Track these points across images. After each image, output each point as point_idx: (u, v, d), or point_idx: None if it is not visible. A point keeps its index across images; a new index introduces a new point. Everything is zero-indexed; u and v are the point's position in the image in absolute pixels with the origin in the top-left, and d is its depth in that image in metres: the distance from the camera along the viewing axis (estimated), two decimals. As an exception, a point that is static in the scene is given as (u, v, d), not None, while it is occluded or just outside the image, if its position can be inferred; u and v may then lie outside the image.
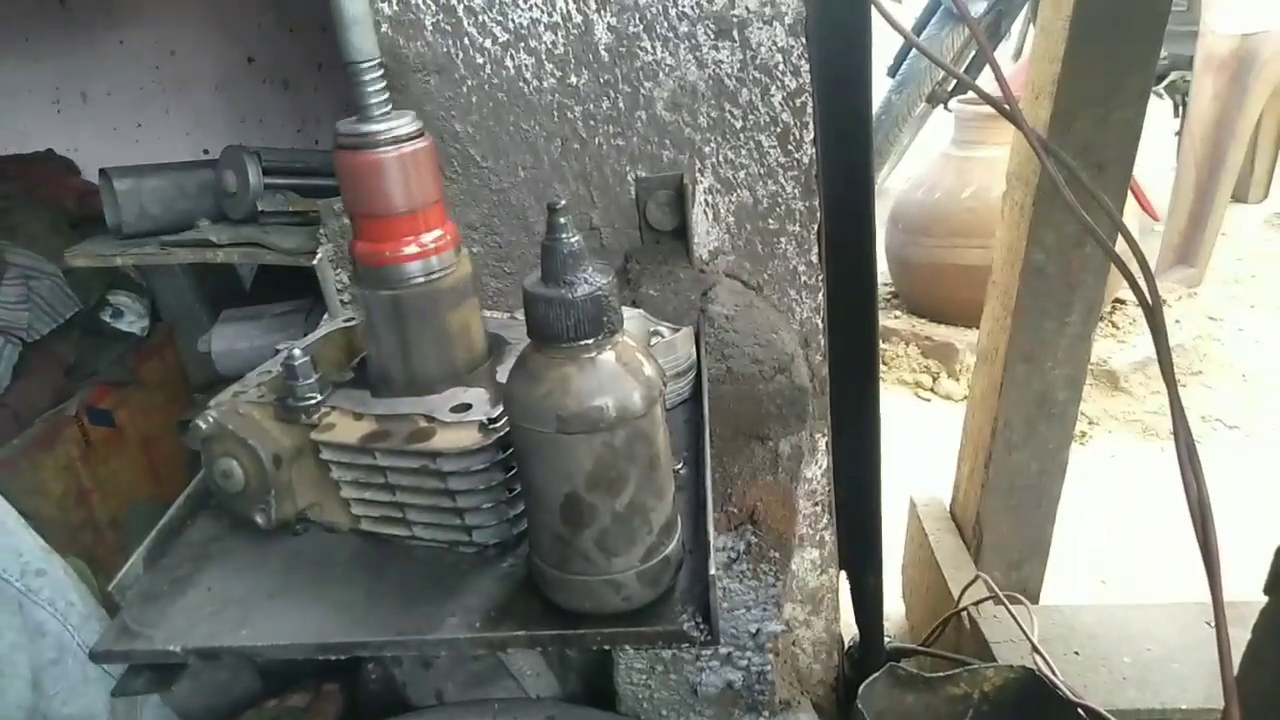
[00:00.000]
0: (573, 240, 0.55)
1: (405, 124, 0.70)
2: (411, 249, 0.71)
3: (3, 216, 1.85)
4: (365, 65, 0.69)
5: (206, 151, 1.86)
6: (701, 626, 0.63)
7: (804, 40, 1.06)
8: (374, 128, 0.68)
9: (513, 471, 0.67)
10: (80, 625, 1.05)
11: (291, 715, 1.42)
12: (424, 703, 1.33)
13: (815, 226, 1.15)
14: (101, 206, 1.46)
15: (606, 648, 1.21)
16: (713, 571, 0.61)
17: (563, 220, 0.55)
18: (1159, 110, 4.47)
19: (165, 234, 1.37)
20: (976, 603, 1.50)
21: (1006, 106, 0.84)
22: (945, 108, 3.71)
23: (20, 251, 1.76)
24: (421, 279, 0.72)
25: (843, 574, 1.58)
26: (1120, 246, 0.93)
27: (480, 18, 1.04)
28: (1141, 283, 0.75)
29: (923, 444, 2.63)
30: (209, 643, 0.67)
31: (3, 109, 2.08)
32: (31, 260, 1.75)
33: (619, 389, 0.56)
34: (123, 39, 2.03)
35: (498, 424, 0.66)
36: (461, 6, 1.03)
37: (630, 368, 0.57)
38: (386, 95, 0.70)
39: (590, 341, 0.56)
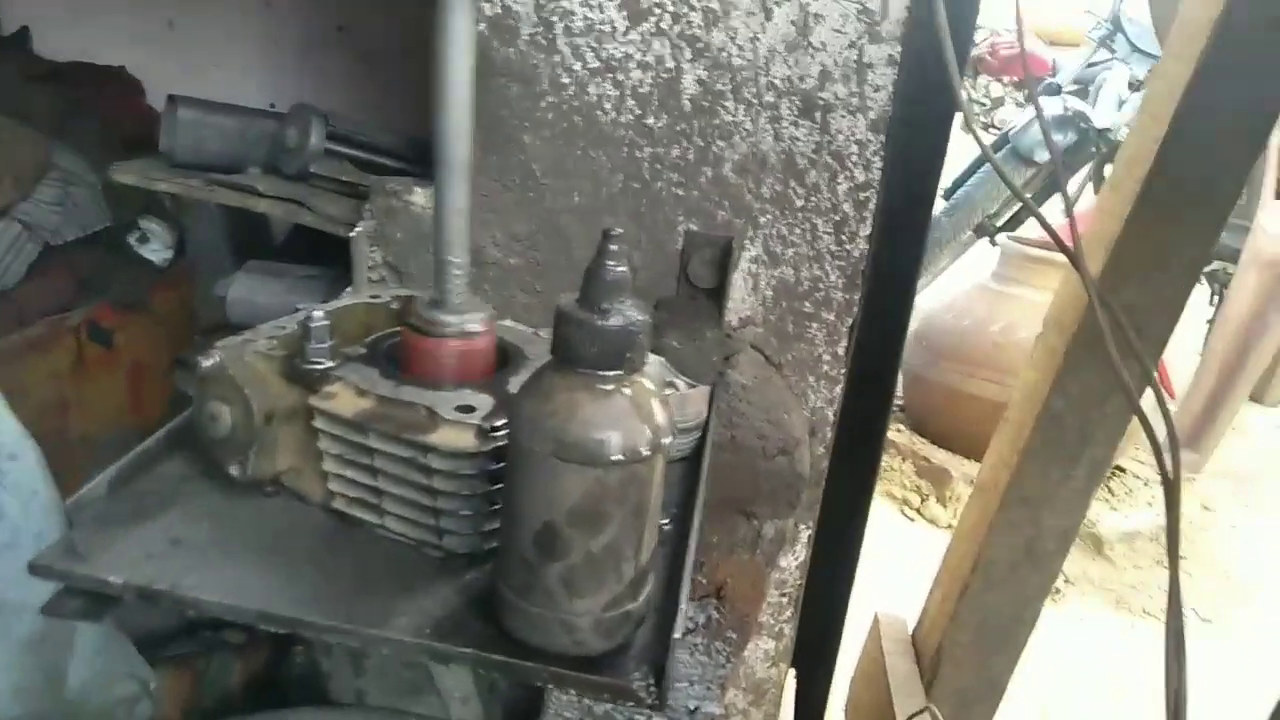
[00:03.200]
0: (619, 269, 0.55)
1: (475, 320, 0.74)
2: None
3: (61, 119, 1.85)
4: (455, 264, 0.74)
5: (273, 106, 1.86)
6: (652, 689, 0.61)
7: (883, 138, 1.06)
8: (447, 318, 0.73)
9: (499, 485, 0.66)
10: (41, 517, 1.03)
11: (227, 649, 1.39)
12: (343, 698, 1.30)
13: (850, 321, 1.15)
14: (157, 133, 1.46)
15: (549, 688, 1.18)
16: (676, 635, 0.59)
17: (614, 248, 0.54)
18: (1196, 295, 4.49)
19: (214, 171, 1.37)
20: (919, 735, 1.46)
21: (1070, 248, 0.84)
22: (991, 241, 3.75)
23: (67, 155, 1.77)
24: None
25: (792, 672, 1.55)
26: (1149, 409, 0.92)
27: (576, 40, 1.05)
28: (1167, 457, 0.74)
29: (898, 563, 2.60)
30: (150, 583, 0.65)
31: (90, 17, 2.10)
32: (75, 166, 1.75)
33: (626, 428, 0.55)
34: (222, -21, 2.06)
35: (497, 432, 0.64)
36: (561, 25, 1.04)
37: (642, 411, 0.56)
38: (466, 289, 0.76)
39: (610, 374, 0.55)
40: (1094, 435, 1.41)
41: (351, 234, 1.14)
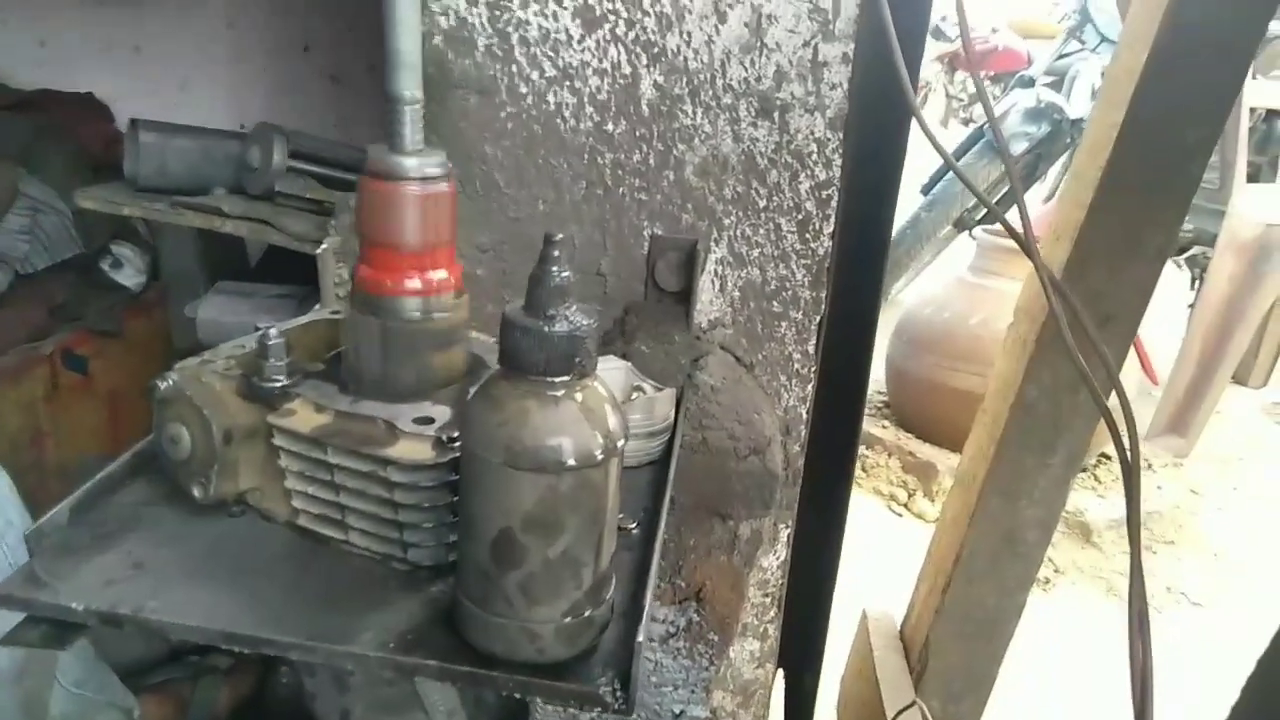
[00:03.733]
0: (563, 275, 0.55)
1: (434, 164, 0.70)
2: (414, 284, 0.71)
3: (28, 148, 1.85)
4: (408, 103, 0.70)
5: (243, 127, 1.87)
6: (619, 694, 0.61)
7: (841, 136, 1.07)
8: (404, 161, 0.69)
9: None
10: (15, 546, 1.03)
11: (213, 674, 1.38)
12: (329, 718, 1.29)
13: (818, 318, 1.15)
14: (124, 158, 1.46)
15: (519, 697, 1.18)
16: (640, 639, 0.59)
17: (556, 254, 0.54)
18: (1178, 281, 4.53)
19: (180, 194, 1.37)
20: (908, 729, 1.46)
21: (1022, 236, 0.85)
22: (970, 235, 3.76)
23: (36, 184, 1.76)
24: (418, 315, 0.72)
25: (780, 673, 1.55)
26: (1114, 402, 0.92)
27: (533, 50, 1.05)
28: (1125, 440, 0.74)
29: (886, 558, 2.60)
30: (113, 608, 0.64)
31: (56, 45, 2.10)
32: (44, 195, 1.75)
33: (577, 434, 0.55)
34: (184, 2, 2.05)
35: (455, 443, 0.64)
36: (516, 35, 1.05)
37: (593, 416, 0.56)
38: (421, 133, 0.71)
39: (559, 380, 0.55)
40: (1069, 423, 1.41)
41: (318, 251, 1.14)
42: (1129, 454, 0.74)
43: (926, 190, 4.68)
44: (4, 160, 1.77)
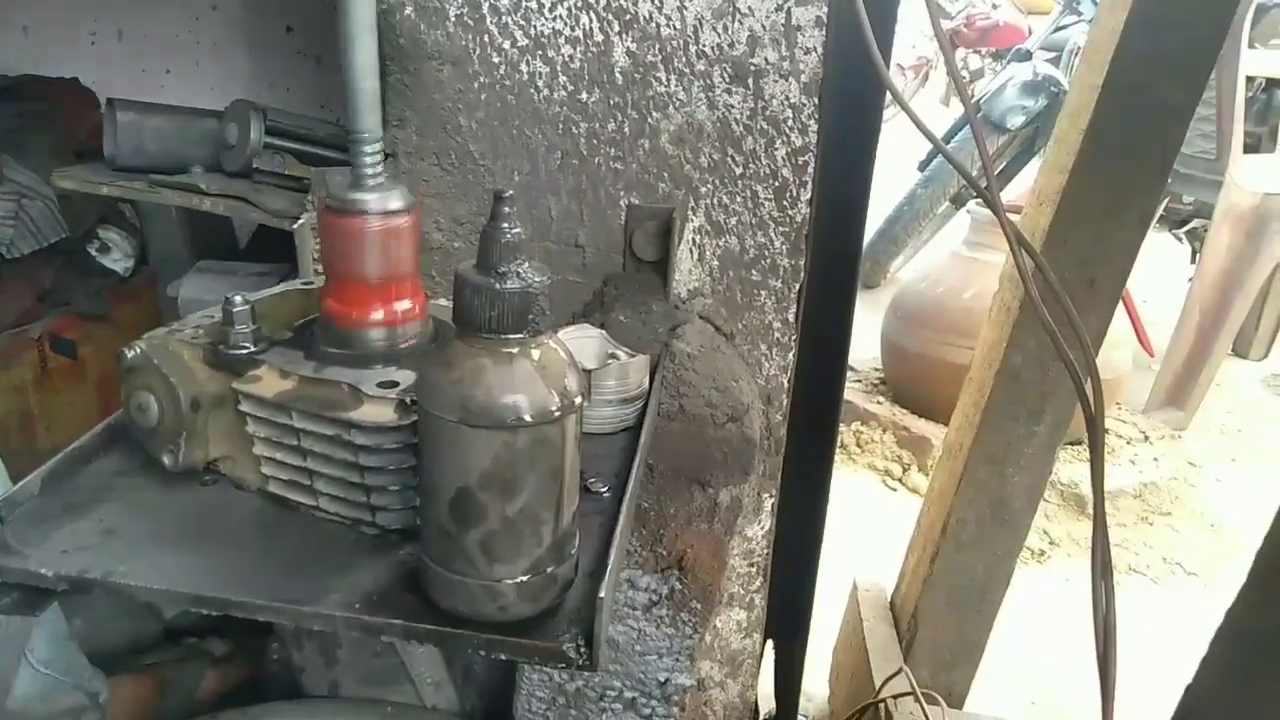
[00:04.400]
0: (514, 231, 0.55)
1: (395, 199, 0.72)
2: (378, 315, 0.73)
3: (12, 133, 1.85)
4: (367, 139, 0.72)
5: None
6: (582, 650, 0.61)
7: (817, 101, 1.06)
8: (365, 197, 0.71)
9: (426, 459, 0.66)
10: None
11: (201, 656, 1.39)
12: (318, 691, 1.30)
13: (798, 286, 1.15)
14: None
15: (499, 663, 1.18)
16: (602, 595, 0.60)
17: (507, 209, 0.54)
18: (1177, 254, 4.51)
19: (158, 173, 1.37)
20: (895, 696, 1.47)
21: (988, 195, 0.84)
22: (966, 211, 3.75)
23: (20, 169, 1.76)
24: (382, 345, 0.74)
25: (770, 644, 1.56)
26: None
27: (504, 19, 1.05)
28: (1089, 390, 0.74)
29: (880, 532, 2.61)
30: (82, 573, 0.65)
31: (40, 30, 2.10)
32: (29, 180, 1.75)
33: (531, 392, 0.55)
34: (170, -15, 2.05)
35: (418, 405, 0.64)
36: (487, 4, 1.04)
37: (548, 373, 0.56)
38: (381, 169, 0.73)
39: (512, 337, 0.55)
40: (1054, 389, 1.41)
41: (294, 226, 1.13)
42: (1091, 404, 0.74)
43: (923, 167, 4.67)
44: (-11, 146, 1.77)
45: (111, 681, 1.22)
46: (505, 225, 0.55)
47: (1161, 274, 4.54)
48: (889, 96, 1.07)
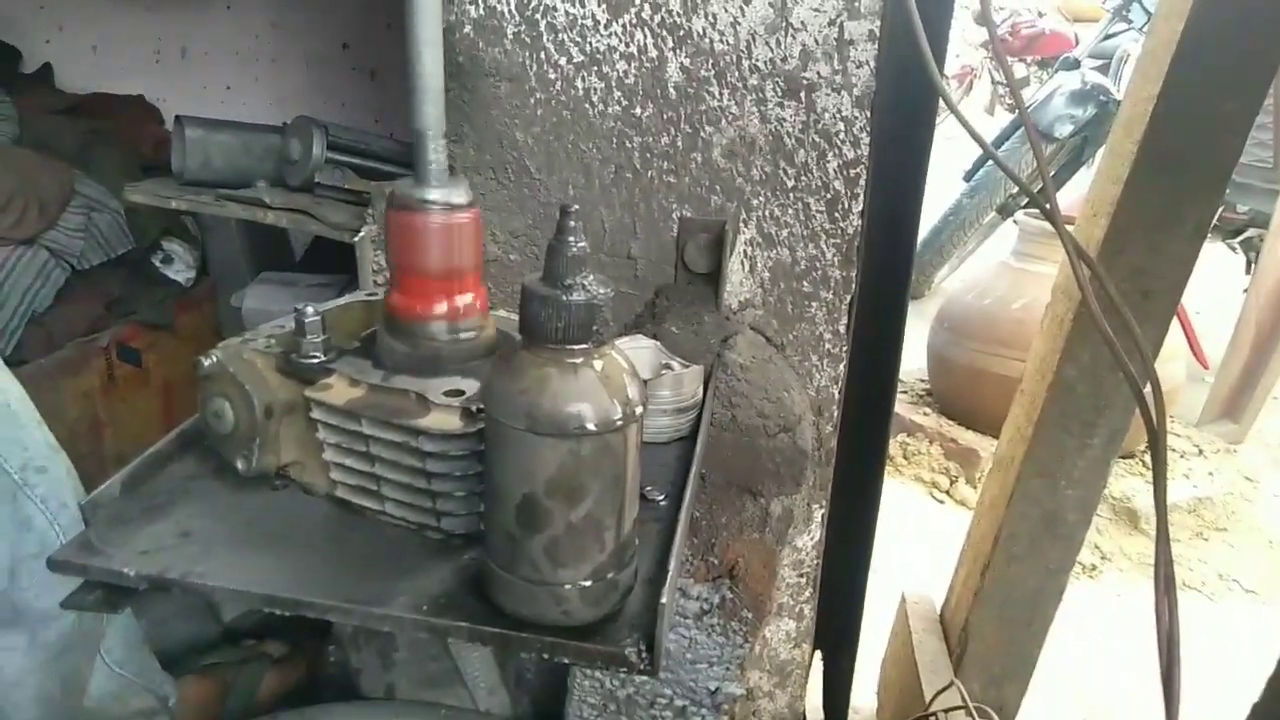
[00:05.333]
0: (579, 245, 0.56)
1: (458, 194, 0.74)
2: (441, 308, 0.75)
3: (82, 149, 1.92)
4: (431, 136, 0.73)
5: (285, 124, 1.92)
6: (644, 655, 0.62)
7: (869, 114, 1.07)
8: (428, 192, 0.73)
9: (491, 465, 0.68)
10: (68, 527, 1.07)
11: (260, 660, 1.43)
12: (375, 694, 1.33)
13: (849, 298, 1.16)
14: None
15: (553, 665, 1.20)
16: (664, 601, 0.61)
17: (572, 224, 0.56)
18: (1232, 264, 4.41)
19: (224, 188, 1.42)
20: (947, 710, 1.46)
21: (1046, 208, 0.84)
22: (1013, 221, 3.71)
23: (90, 183, 1.83)
24: (445, 338, 0.76)
25: (818, 654, 1.56)
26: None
27: (560, 36, 1.07)
28: (1151, 402, 0.74)
29: (928, 544, 2.59)
30: (162, 573, 0.68)
31: (108, 50, 2.18)
32: (98, 193, 1.81)
33: (595, 401, 0.56)
34: (230, 4, 2.11)
35: (483, 413, 0.66)
36: (544, 22, 1.06)
37: (611, 383, 0.57)
38: (446, 165, 0.75)
39: (577, 348, 0.56)
40: (1109, 402, 1.40)
41: (355, 239, 1.17)
42: (1154, 416, 0.74)
43: (969, 176, 4.62)
44: (60, 161, 1.84)
45: (178, 683, 1.26)
46: (571, 239, 0.56)
47: (1216, 284, 4.45)
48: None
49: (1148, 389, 0.80)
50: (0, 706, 1.03)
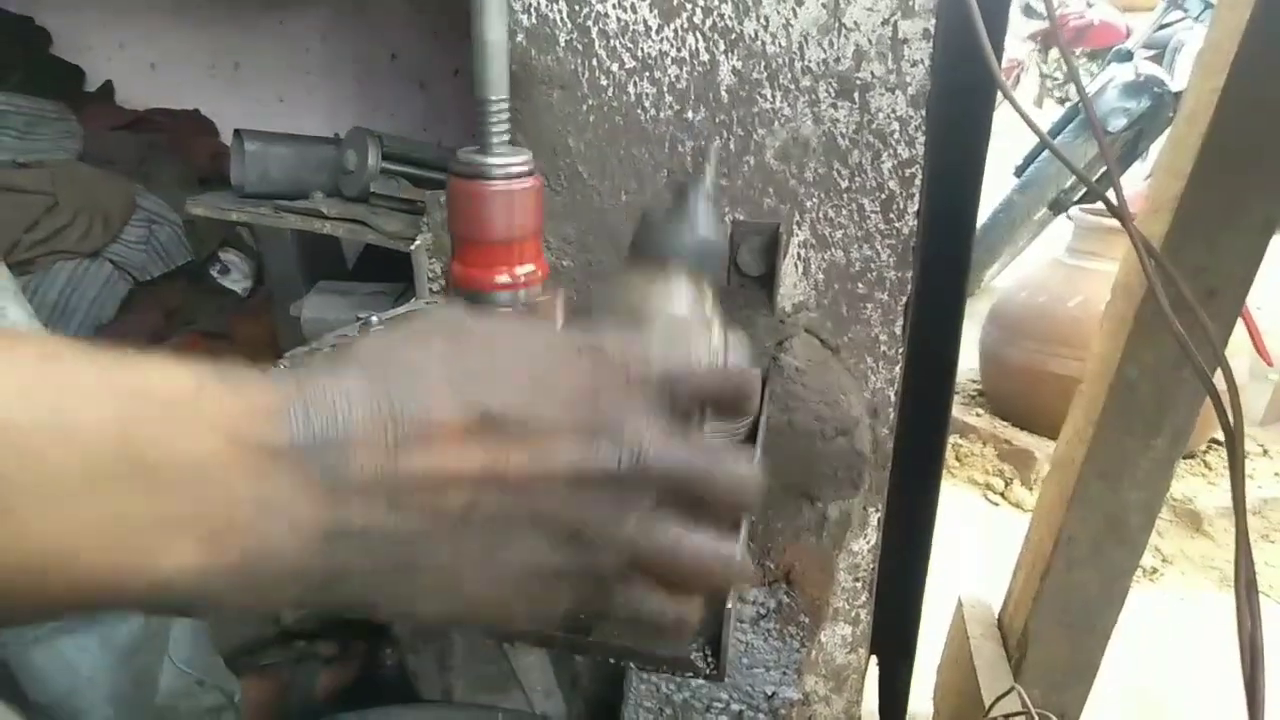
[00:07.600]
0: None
1: (518, 162, 0.74)
2: (503, 278, 0.76)
3: (142, 163, 1.97)
4: (494, 102, 0.74)
5: (337, 135, 1.95)
6: (710, 660, 0.62)
7: (924, 113, 1.06)
8: (489, 159, 0.73)
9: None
10: None
11: (313, 660, 1.46)
12: (431, 696, 1.34)
13: (904, 299, 1.14)
14: (230, 168, 1.55)
15: (629, 679, 1.20)
16: (729, 605, 0.61)
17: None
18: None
19: (281, 199, 1.44)
20: (1007, 716, 1.43)
21: (1113, 203, 0.82)
22: (1067, 216, 3.64)
23: (150, 197, 1.87)
24: (508, 307, 0.76)
25: (874, 660, 1.54)
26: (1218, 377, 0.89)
27: (612, 42, 1.07)
28: (1227, 403, 0.72)
29: (983, 547, 2.55)
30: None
31: (165, 66, 2.23)
32: (158, 207, 1.86)
33: None
34: (283, 20, 2.15)
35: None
36: (596, 29, 1.07)
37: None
38: (508, 132, 0.75)
39: None
40: (1173, 402, 1.36)
41: (411, 248, 1.18)
42: (1231, 422, 0.72)
43: (1020, 172, 4.55)
44: (121, 175, 1.89)
45: (241, 682, 1.29)
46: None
47: (1277, 277, 4.32)
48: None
49: (1221, 388, 0.78)
50: (76, 705, 1.06)
